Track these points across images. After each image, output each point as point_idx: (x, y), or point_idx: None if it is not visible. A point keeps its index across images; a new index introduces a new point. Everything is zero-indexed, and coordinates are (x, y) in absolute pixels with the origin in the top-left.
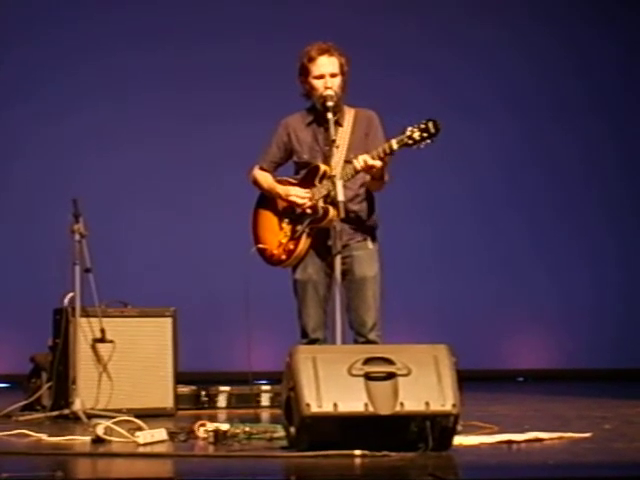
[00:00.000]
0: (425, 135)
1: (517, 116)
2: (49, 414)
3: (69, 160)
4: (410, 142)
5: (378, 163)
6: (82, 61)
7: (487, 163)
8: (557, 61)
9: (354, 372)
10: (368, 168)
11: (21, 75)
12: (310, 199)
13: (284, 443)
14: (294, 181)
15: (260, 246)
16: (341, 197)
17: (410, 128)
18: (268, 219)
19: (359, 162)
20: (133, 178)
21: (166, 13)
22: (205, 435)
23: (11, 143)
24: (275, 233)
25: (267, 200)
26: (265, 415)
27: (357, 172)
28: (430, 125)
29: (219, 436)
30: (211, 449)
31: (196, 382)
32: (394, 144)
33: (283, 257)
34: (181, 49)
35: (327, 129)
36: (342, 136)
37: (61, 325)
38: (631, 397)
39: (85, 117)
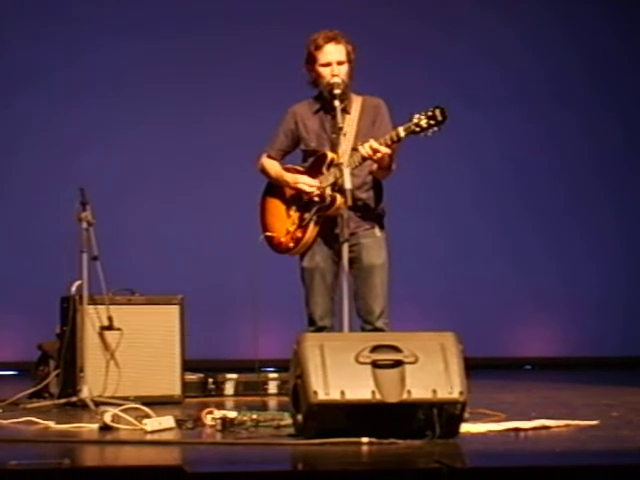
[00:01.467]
0: (432, 122)
1: (525, 105)
2: (57, 402)
3: (76, 148)
4: (417, 130)
5: (385, 150)
6: (87, 51)
7: (494, 153)
8: (567, 53)
9: (361, 360)
10: (374, 153)
11: (27, 64)
12: (318, 187)
13: (291, 431)
14: (302, 169)
15: (268, 234)
16: (348, 185)
17: (417, 115)
18: (276, 207)
19: (365, 148)
20: (140, 166)
21: (167, 7)
22: (212, 423)
23: (18, 131)
24: (283, 221)
25: (275, 188)
26: (272, 403)
27: (364, 159)
28: (437, 112)
29: (226, 424)
30: (218, 437)
31: (203, 370)
32: (401, 132)
33: (291, 245)
34: (185, 40)
35: (334, 117)
36: (349, 124)
37: (69, 313)
38: (638, 385)
39: (92, 106)
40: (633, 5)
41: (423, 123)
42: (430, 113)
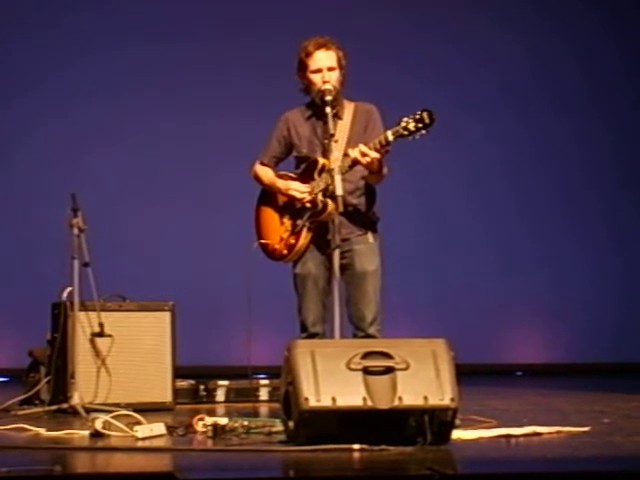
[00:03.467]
0: (420, 126)
1: (516, 109)
2: (47, 408)
3: (68, 155)
4: (405, 133)
5: (373, 154)
6: (81, 57)
7: (486, 157)
8: (558, 55)
9: (352, 366)
10: (362, 156)
11: (21, 71)
12: (309, 193)
13: (282, 437)
14: (294, 176)
15: (262, 241)
16: (339, 191)
17: (405, 119)
18: (270, 215)
19: (353, 152)
20: (132, 173)
21: (166, 9)
22: (204, 429)
23: (10, 138)
24: (276, 228)
25: (269, 196)
26: (264, 409)
27: (354, 163)
28: (425, 115)
29: (218, 430)
30: (210, 443)
31: (195, 376)
32: (389, 135)
33: (284, 252)
34: (184, 42)
35: (326, 123)
36: (341, 130)
37: (60, 319)
38: (629, 391)
39: (85, 112)
40: (628, 10)
41: (411, 126)
42: (418, 116)
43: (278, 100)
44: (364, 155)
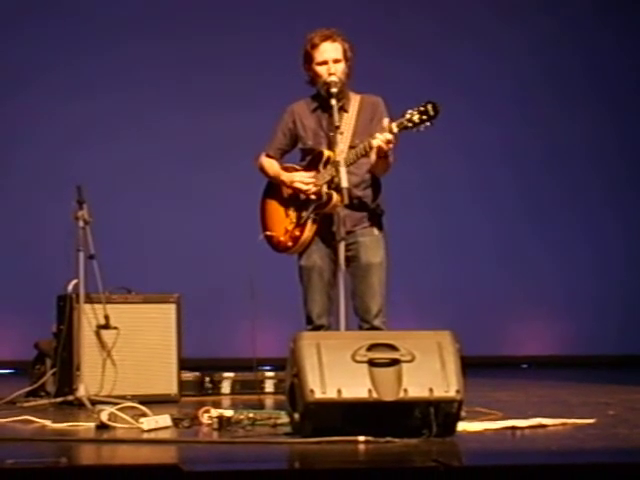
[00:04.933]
0: (424, 117)
1: (522, 103)
2: (53, 400)
3: (73, 146)
4: (410, 125)
5: (379, 143)
6: (85, 49)
7: (491, 149)
8: (564, 53)
9: (358, 358)
10: (387, 144)
11: (24, 63)
12: (314, 185)
13: (288, 429)
14: (299, 168)
15: (267, 233)
16: (345, 183)
17: (410, 111)
18: (275, 207)
19: (377, 141)
20: (137, 165)
21: (165, 4)
22: (209, 421)
23: (14, 130)
24: (281, 220)
25: (274, 188)
26: (269, 401)
27: (366, 153)
28: (429, 107)
29: (223, 422)
30: (215, 435)
31: (200, 368)
32: (394, 127)
33: (289, 244)
34: (183, 37)
35: (331, 115)
36: (347, 122)
37: (65, 311)
38: (635, 383)
39: (89, 104)
40: (635, 8)
41: (415, 118)
42: (422, 108)
43: (280, 95)
44: (389, 142)
